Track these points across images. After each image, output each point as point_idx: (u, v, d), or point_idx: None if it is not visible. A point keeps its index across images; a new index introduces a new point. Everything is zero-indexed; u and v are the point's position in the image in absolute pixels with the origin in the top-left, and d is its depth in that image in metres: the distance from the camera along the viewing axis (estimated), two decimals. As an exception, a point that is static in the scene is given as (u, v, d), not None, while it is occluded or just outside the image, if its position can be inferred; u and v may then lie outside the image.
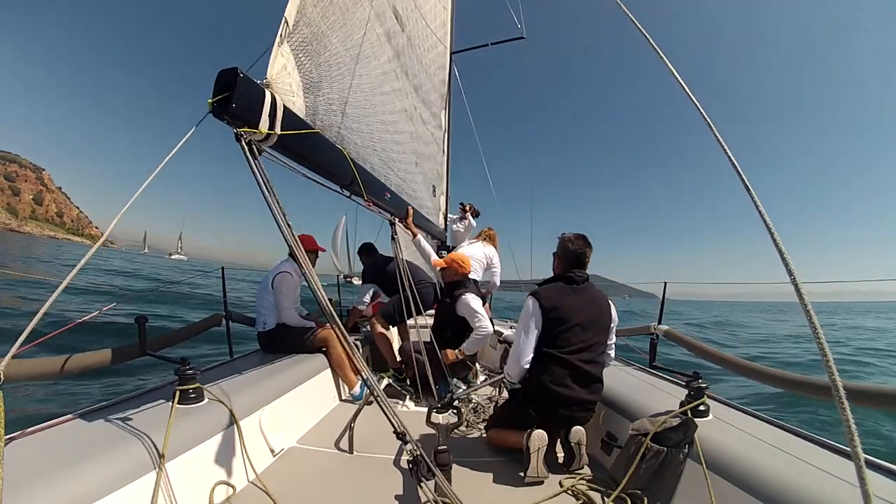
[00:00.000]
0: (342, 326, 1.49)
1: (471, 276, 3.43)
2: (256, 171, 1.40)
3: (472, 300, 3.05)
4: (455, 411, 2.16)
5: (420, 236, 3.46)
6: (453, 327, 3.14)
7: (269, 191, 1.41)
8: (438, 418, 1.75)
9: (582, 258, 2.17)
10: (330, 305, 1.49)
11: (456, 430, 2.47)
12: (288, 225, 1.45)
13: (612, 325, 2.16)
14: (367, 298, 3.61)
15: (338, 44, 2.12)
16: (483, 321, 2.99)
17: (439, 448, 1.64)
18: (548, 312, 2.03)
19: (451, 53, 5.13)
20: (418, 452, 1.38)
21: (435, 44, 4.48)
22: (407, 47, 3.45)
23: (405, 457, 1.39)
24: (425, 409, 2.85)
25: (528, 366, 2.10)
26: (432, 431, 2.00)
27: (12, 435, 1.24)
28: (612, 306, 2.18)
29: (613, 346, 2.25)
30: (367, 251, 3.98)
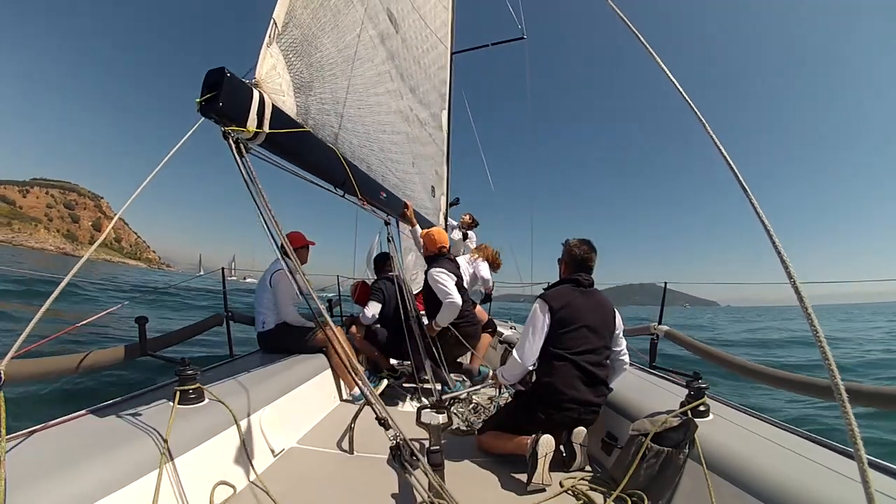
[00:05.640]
0: (336, 332, 1.50)
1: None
2: (242, 168, 1.41)
3: (437, 273, 2.97)
4: (444, 411, 2.11)
5: (417, 227, 3.48)
6: (431, 301, 3.11)
7: (255, 188, 1.42)
8: (429, 418, 1.76)
9: (587, 262, 2.17)
10: (323, 309, 1.50)
11: (458, 430, 2.46)
12: (276, 222, 1.45)
13: (616, 331, 2.15)
14: (369, 314, 3.52)
15: (330, 45, 2.12)
16: (447, 293, 2.92)
17: (431, 448, 1.63)
18: (556, 312, 2.02)
19: (452, 54, 5.13)
20: (400, 438, 1.37)
21: (435, 44, 4.48)
22: (402, 49, 3.44)
23: (390, 443, 1.39)
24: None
25: (533, 367, 2.08)
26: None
27: (13, 435, 1.25)
28: (618, 312, 2.18)
29: (626, 351, 2.23)
30: (378, 264, 3.78)
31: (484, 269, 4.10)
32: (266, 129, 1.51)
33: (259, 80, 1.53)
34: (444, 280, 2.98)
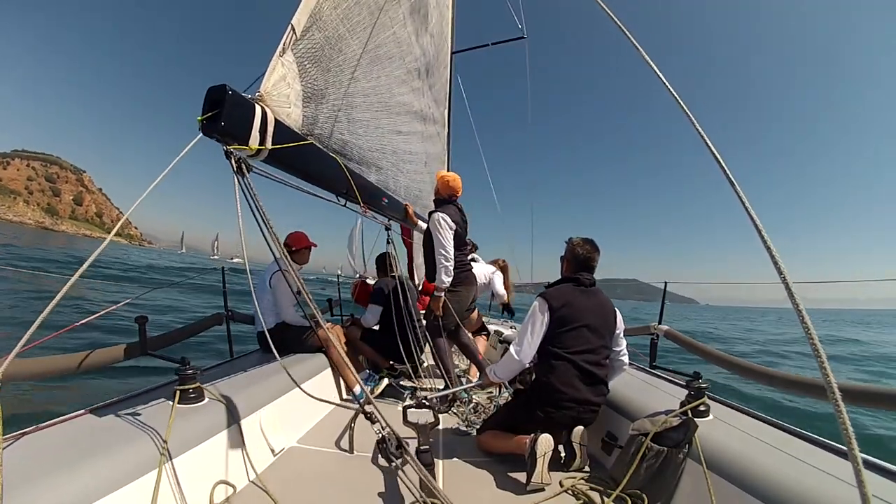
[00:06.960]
0: (333, 332, 1.53)
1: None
2: (244, 188, 1.41)
3: (440, 219, 2.84)
4: (429, 409, 2.08)
5: (420, 223, 3.48)
6: (429, 251, 3.02)
7: (257, 207, 1.42)
8: (415, 417, 1.75)
9: (589, 262, 2.16)
10: (318, 312, 1.51)
11: (458, 430, 2.46)
12: (276, 239, 1.47)
13: (617, 331, 2.15)
14: (370, 317, 3.52)
15: (357, 46, 2.07)
16: (442, 244, 2.83)
17: (421, 448, 1.63)
18: (556, 311, 2.01)
19: (452, 53, 5.15)
20: (386, 431, 1.38)
21: (440, 42, 4.50)
22: (430, 45, 3.37)
23: (376, 437, 1.39)
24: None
25: (529, 365, 2.08)
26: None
27: (12, 434, 1.25)
28: (618, 313, 2.17)
29: (626, 352, 2.23)
30: (380, 265, 3.74)
31: (498, 284, 4.11)
32: (269, 145, 1.50)
33: (264, 93, 1.52)
34: (445, 229, 2.90)
